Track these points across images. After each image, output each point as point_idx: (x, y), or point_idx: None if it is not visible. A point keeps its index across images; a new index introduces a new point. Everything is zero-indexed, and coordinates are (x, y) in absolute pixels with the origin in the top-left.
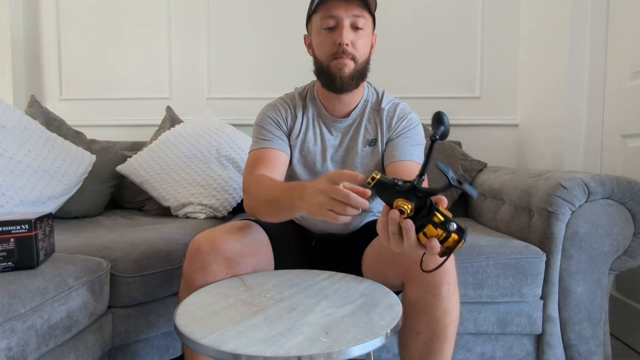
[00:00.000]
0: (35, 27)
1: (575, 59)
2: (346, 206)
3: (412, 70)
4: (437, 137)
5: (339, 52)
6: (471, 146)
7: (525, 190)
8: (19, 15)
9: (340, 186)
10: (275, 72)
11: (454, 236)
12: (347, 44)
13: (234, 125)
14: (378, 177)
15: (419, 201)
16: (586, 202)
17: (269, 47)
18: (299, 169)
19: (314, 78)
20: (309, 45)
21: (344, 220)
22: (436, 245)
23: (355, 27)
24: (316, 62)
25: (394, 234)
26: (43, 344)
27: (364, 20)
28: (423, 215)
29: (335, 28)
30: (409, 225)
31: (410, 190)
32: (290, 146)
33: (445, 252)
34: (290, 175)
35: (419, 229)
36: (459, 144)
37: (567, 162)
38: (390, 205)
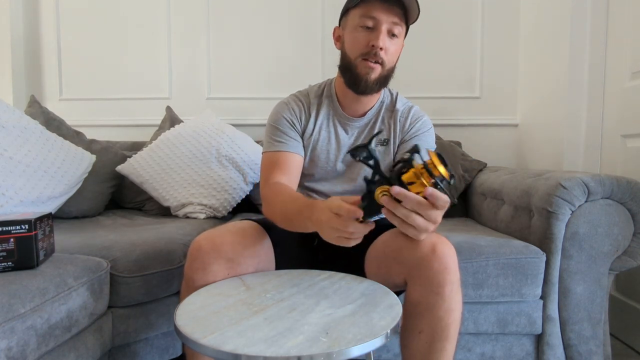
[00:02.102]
0: (35, 27)
1: (575, 59)
2: (350, 239)
3: (412, 70)
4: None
5: (371, 53)
6: (471, 146)
7: (525, 190)
8: (19, 15)
9: (345, 217)
10: (276, 72)
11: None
12: (381, 48)
13: (234, 125)
14: (362, 213)
15: (389, 178)
16: (586, 202)
17: (269, 47)
18: (310, 168)
19: (315, 77)
20: (338, 39)
21: (353, 243)
22: (423, 177)
23: (391, 34)
24: (344, 57)
25: (403, 212)
26: (43, 344)
27: (400, 29)
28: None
29: (373, 29)
30: (397, 189)
31: (377, 177)
32: (303, 145)
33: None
34: (302, 172)
35: (403, 185)
36: (459, 144)
37: (567, 162)
38: (380, 204)
